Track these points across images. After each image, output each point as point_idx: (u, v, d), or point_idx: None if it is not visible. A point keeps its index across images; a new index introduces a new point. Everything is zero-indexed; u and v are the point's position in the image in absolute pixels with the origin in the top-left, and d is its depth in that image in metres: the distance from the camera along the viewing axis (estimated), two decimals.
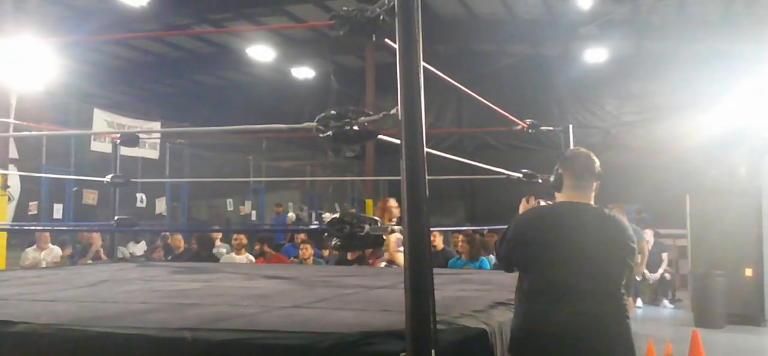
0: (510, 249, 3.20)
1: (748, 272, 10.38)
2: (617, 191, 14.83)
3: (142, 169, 12.98)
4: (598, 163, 3.28)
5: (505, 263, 3.29)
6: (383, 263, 6.47)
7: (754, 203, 10.52)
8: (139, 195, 12.66)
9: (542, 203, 3.64)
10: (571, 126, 6.02)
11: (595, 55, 16.41)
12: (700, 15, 13.63)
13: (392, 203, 6.71)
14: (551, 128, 6.29)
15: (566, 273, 3.02)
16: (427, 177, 1.99)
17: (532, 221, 3.24)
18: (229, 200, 17.22)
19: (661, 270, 12.66)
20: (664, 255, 12.88)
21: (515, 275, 3.22)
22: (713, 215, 10.95)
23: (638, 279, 11.62)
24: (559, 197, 3.26)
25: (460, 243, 7.74)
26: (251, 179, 16.42)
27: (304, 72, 19.20)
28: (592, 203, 3.23)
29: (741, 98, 12.02)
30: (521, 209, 3.63)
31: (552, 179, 3.32)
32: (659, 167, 15.85)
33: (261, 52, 17.18)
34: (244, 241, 8.38)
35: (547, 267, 3.07)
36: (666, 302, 12.72)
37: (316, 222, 18.06)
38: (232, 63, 19.22)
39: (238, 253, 8.29)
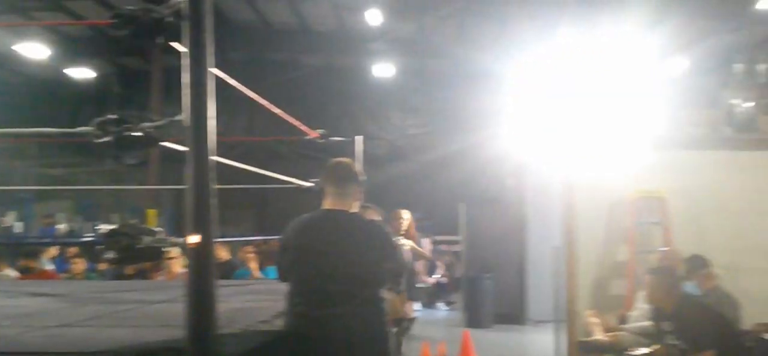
0: (279, 257, 3.33)
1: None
2: (400, 199, 15.53)
3: None
4: (358, 170, 3.46)
5: (278, 272, 3.41)
6: None
7: (519, 212, 11.60)
8: None
9: None
10: (361, 137, 6.21)
11: (383, 69, 17.14)
12: (476, 36, 14.78)
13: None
14: (341, 139, 6.44)
15: (320, 277, 3.15)
16: (215, 186, 1.93)
17: (294, 229, 3.35)
18: None
19: (437, 275, 13.50)
20: (439, 261, 13.75)
21: None
22: (484, 223, 11.90)
23: (421, 285, 12.30)
24: (324, 205, 3.37)
25: (248, 254, 7.66)
26: (17, 187, 14.87)
27: (82, 72, 17.78)
28: (354, 209, 3.38)
29: (509, 115, 13.16)
30: None
31: (316, 189, 3.46)
32: (438, 177, 16.89)
33: (33, 50, 15.64)
34: None
35: (304, 272, 3.21)
36: (441, 305, 13.58)
37: (91, 235, 16.77)
38: None
39: None
